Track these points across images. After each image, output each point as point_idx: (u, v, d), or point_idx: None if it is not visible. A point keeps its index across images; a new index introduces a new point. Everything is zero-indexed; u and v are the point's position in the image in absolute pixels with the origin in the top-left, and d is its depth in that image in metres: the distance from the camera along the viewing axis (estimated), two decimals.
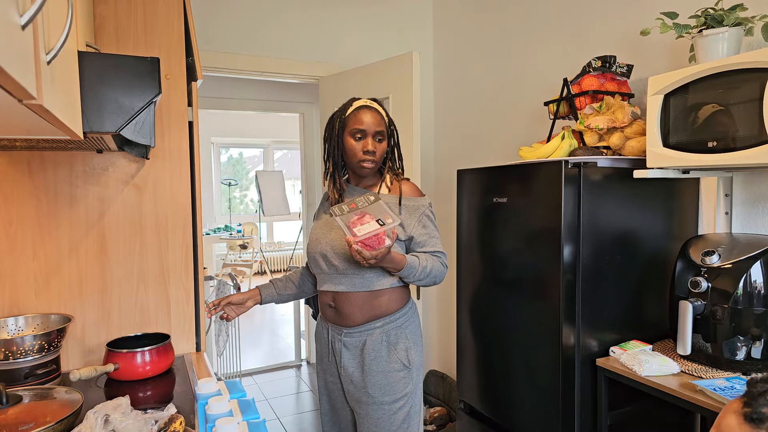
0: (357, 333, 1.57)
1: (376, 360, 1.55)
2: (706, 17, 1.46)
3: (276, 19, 2.76)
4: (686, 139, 1.44)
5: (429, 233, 1.58)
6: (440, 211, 3.16)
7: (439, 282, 1.60)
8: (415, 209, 1.58)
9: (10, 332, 1.48)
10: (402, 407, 1.57)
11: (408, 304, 1.64)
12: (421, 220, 1.58)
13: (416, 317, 1.66)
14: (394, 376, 1.56)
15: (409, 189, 1.62)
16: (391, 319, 1.58)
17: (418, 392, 1.63)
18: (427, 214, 1.60)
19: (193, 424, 1.19)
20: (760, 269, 1.39)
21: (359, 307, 1.56)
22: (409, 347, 1.59)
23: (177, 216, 1.74)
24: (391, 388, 1.55)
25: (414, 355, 1.60)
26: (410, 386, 1.58)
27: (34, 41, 0.58)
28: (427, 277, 1.54)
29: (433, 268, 1.54)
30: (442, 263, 1.58)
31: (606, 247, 1.65)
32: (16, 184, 1.54)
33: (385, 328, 1.57)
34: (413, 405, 1.60)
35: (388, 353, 1.56)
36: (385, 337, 1.56)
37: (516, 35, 2.58)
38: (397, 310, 1.59)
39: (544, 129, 2.34)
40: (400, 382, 1.56)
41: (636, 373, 1.48)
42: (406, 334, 1.59)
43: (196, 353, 1.77)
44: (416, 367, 1.61)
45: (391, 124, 1.66)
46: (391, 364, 1.56)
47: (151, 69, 1.13)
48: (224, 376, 3.90)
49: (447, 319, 3.14)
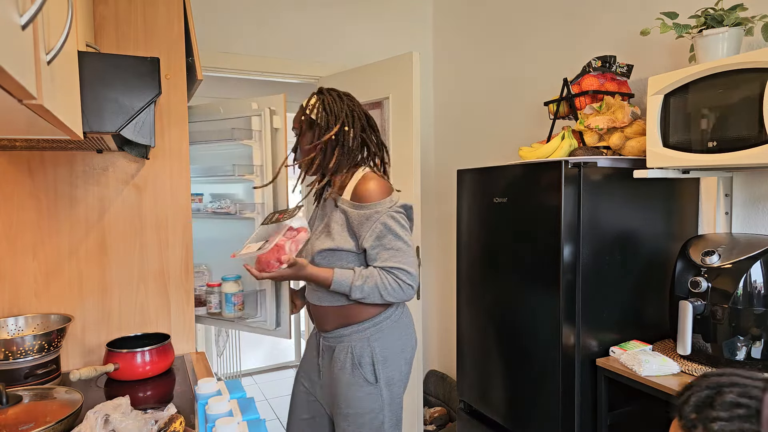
0: (331, 338, 1.54)
1: (342, 371, 1.48)
2: (706, 17, 1.46)
3: (276, 19, 2.76)
4: (686, 139, 1.44)
5: (383, 245, 1.40)
6: (440, 211, 3.16)
7: (397, 300, 1.43)
8: (368, 217, 1.41)
9: (10, 332, 1.48)
10: (371, 421, 1.46)
11: (385, 313, 1.50)
12: (374, 230, 1.40)
13: (396, 328, 1.52)
14: (358, 390, 1.46)
15: (365, 190, 1.43)
16: (358, 328, 1.48)
17: (396, 406, 1.51)
18: (384, 221, 1.40)
19: (193, 424, 1.19)
20: (760, 269, 1.39)
21: (325, 314, 1.53)
22: (378, 361, 1.46)
23: (177, 216, 1.74)
24: (355, 402, 1.46)
25: (383, 370, 1.46)
26: (378, 402, 1.45)
27: (34, 41, 0.58)
28: (367, 296, 1.40)
29: (377, 288, 1.39)
30: (395, 280, 1.39)
31: (606, 247, 1.65)
32: (16, 185, 1.54)
33: (351, 338, 1.48)
34: (385, 420, 1.48)
35: (351, 367, 1.47)
36: (351, 348, 1.48)
37: (516, 35, 2.58)
38: (366, 319, 1.48)
39: (544, 129, 2.34)
40: (365, 399, 1.45)
41: (636, 373, 1.48)
42: (374, 348, 1.47)
43: (196, 353, 1.77)
44: (388, 382, 1.48)
45: (314, 110, 1.49)
46: (354, 377, 1.46)
47: (151, 69, 1.13)
48: (224, 376, 3.90)
49: (447, 319, 3.14)
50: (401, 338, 1.52)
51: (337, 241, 1.45)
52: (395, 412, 1.52)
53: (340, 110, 1.49)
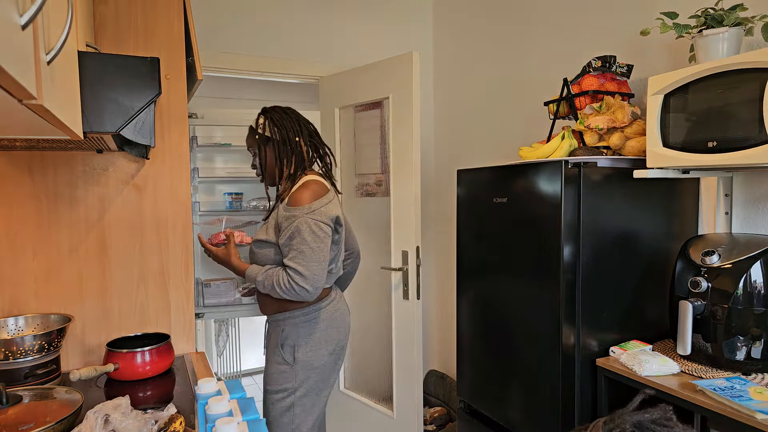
0: (271, 321, 1.76)
1: (269, 349, 1.74)
2: (706, 17, 1.46)
3: (276, 19, 2.76)
4: (686, 139, 1.44)
5: (291, 245, 1.57)
6: (440, 211, 3.16)
7: (293, 299, 1.59)
8: (287, 218, 1.60)
9: (10, 332, 1.48)
10: (281, 399, 1.67)
11: (315, 305, 1.69)
12: (289, 229, 1.58)
13: (324, 320, 1.70)
14: (275, 367, 1.69)
15: (295, 196, 1.63)
16: (290, 315, 1.68)
17: (312, 393, 1.69)
18: (298, 225, 1.57)
19: (193, 424, 1.19)
20: (760, 269, 1.39)
21: (265, 300, 1.74)
22: (299, 345, 1.66)
23: (177, 216, 1.74)
24: (271, 378, 1.69)
25: (302, 354, 1.66)
26: (292, 382, 1.66)
27: (34, 41, 0.58)
28: (267, 289, 1.61)
29: (271, 283, 1.59)
30: (289, 280, 1.55)
31: (606, 247, 1.65)
32: (16, 185, 1.54)
33: (283, 323, 1.69)
34: (296, 402, 1.67)
35: (275, 345, 1.70)
36: (279, 329, 1.70)
37: (516, 35, 2.58)
38: (298, 307, 1.68)
39: (544, 129, 2.34)
40: (280, 375, 1.67)
41: (636, 373, 1.48)
42: (299, 332, 1.67)
43: (196, 353, 1.77)
44: (305, 366, 1.66)
45: (267, 128, 1.70)
46: (275, 356, 1.70)
47: (151, 69, 1.13)
48: (224, 376, 3.90)
49: (447, 319, 3.14)
50: (327, 330, 1.71)
51: (268, 234, 1.67)
52: (309, 402, 1.69)
53: (290, 123, 1.72)
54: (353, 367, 2.92)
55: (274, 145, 1.70)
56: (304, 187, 1.63)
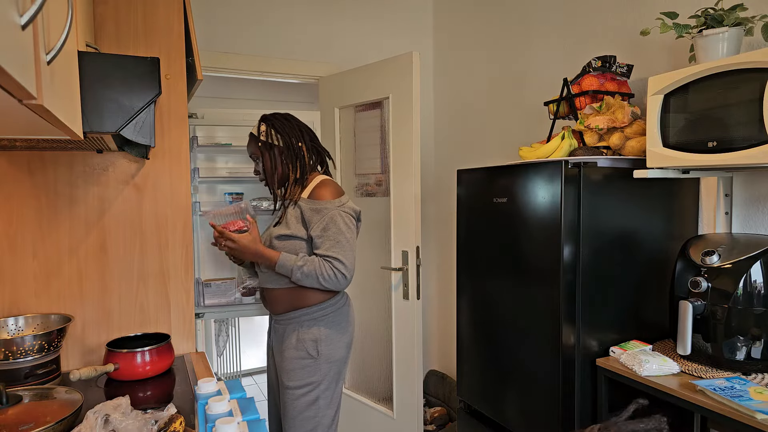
0: (282, 320, 1.73)
1: (287, 347, 1.69)
2: (706, 17, 1.46)
3: (276, 19, 2.76)
4: (686, 139, 1.44)
5: (327, 236, 1.61)
6: (440, 211, 3.16)
7: (331, 287, 1.62)
8: (318, 211, 1.64)
9: (10, 332, 1.48)
10: (306, 394, 1.66)
11: (331, 300, 1.71)
12: (322, 221, 1.63)
13: (339, 314, 1.72)
14: (298, 363, 1.67)
15: (320, 192, 1.67)
16: (308, 311, 1.68)
17: (333, 385, 1.70)
18: (332, 216, 1.62)
19: (193, 424, 1.19)
20: (760, 269, 1.39)
21: (277, 298, 1.72)
22: (321, 339, 1.67)
23: (177, 216, 1.74)
24: (295, 374, 1.67)
25: (324, 348, 1.67)
26: (316, 376, 1.67)
27: (34, 41, 0.58)
28: (305, 277, 1.61)
29: (313, 271, 1.60)
30: (331, 268, 1.59)
31: (606, 247, 1.65)
32: (16, 184, 1.54)
33: (300, 319, 1.69)
34: (321, 396, 1.67)
35: (296, 341, 1.68)
36: (298, 326, 1.68)
37: (516, 35, 2.58)
38: (315, 303, 1.69)
39: (544, 129, 2.34)
40: (303, 370, 1.67)
41: (636, 373, 1.48)
42: (320, 326, 1.68)
43: (196, 353, 1.77)
44: (327, 359, 1.68)
45: (270, 135, 1.72)
46: (297, 351, 1.67)
47: (151, 69, 1.13)
48: (224, 376, 3.90)
49: (447, 319, 3.14)
50: (342, 323, 1.73)
51: (292, 229, 1.67)
52: (332, 394, 1.71)
53: (291, 129, 1.74)
54: (353, 367, 2.92)
55: (277, 152, 1.73)
56: (323, 185, 1.69)
